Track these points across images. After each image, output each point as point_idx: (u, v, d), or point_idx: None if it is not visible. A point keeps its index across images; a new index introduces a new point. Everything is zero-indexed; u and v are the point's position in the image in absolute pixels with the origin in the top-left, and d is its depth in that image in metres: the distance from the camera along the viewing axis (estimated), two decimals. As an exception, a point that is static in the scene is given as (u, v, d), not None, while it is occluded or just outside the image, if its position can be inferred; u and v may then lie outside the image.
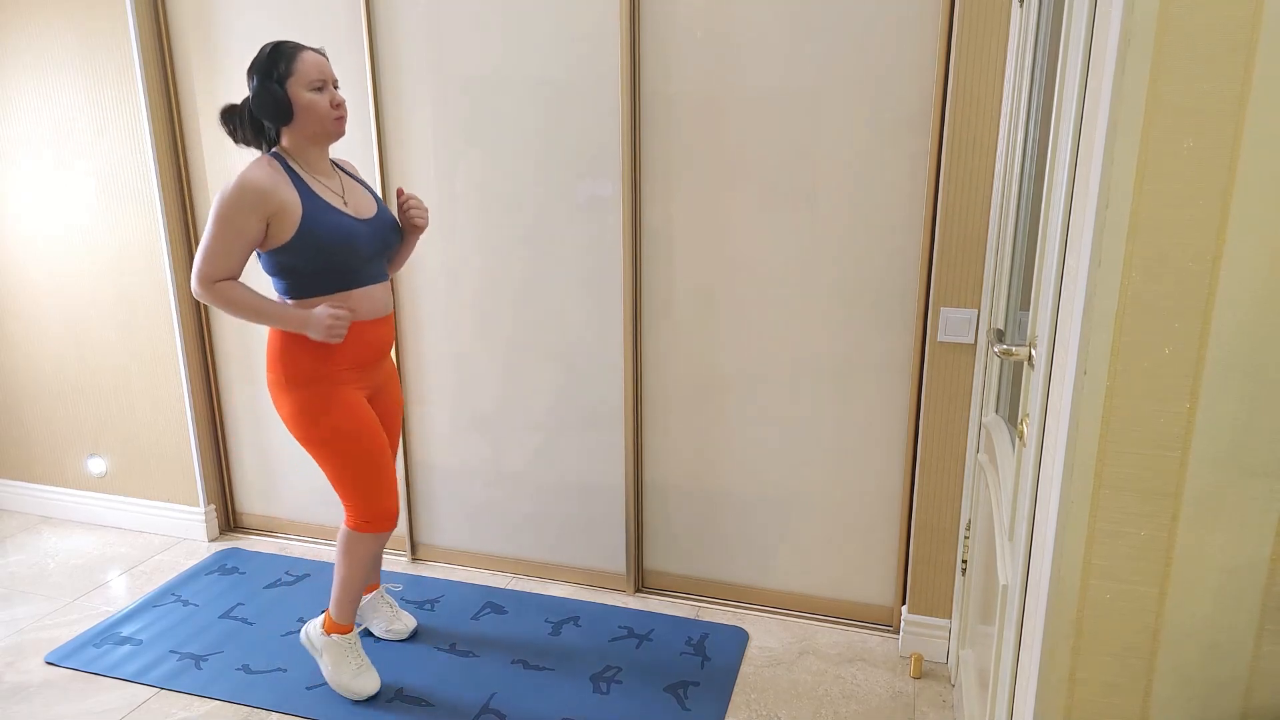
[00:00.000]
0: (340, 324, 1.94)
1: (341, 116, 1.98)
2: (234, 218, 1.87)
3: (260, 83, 1.90)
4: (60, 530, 3.22)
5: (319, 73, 1.93)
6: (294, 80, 1.91)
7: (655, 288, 2.53)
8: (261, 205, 1.88)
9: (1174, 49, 0.93)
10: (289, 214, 1.90)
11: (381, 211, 2.10)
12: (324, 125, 1.96)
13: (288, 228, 1.91)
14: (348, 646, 2.22)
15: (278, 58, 1.90)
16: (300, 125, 1.95)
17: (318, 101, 1.93)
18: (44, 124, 2.91)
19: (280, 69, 1.90)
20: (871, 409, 2.41)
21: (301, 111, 1.93)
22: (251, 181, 1.87)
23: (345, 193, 2.05)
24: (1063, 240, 1.17)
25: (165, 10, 2.79)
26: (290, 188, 1.92)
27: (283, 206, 1.90)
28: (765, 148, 2.32)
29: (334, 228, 1.95)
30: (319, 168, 2.02)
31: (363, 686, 2.20)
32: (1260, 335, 0.97)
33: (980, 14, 2.00)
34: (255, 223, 1.89)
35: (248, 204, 1.87)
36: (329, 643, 2.22)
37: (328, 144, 2.02)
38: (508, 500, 2.84)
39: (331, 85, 1.97)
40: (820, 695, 2.25)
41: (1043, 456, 1.21)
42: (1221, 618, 1.05)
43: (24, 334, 3.17)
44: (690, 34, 2.32)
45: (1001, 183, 2.02)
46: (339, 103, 1.97)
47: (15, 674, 2.35)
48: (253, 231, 1.89)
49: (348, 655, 2.22)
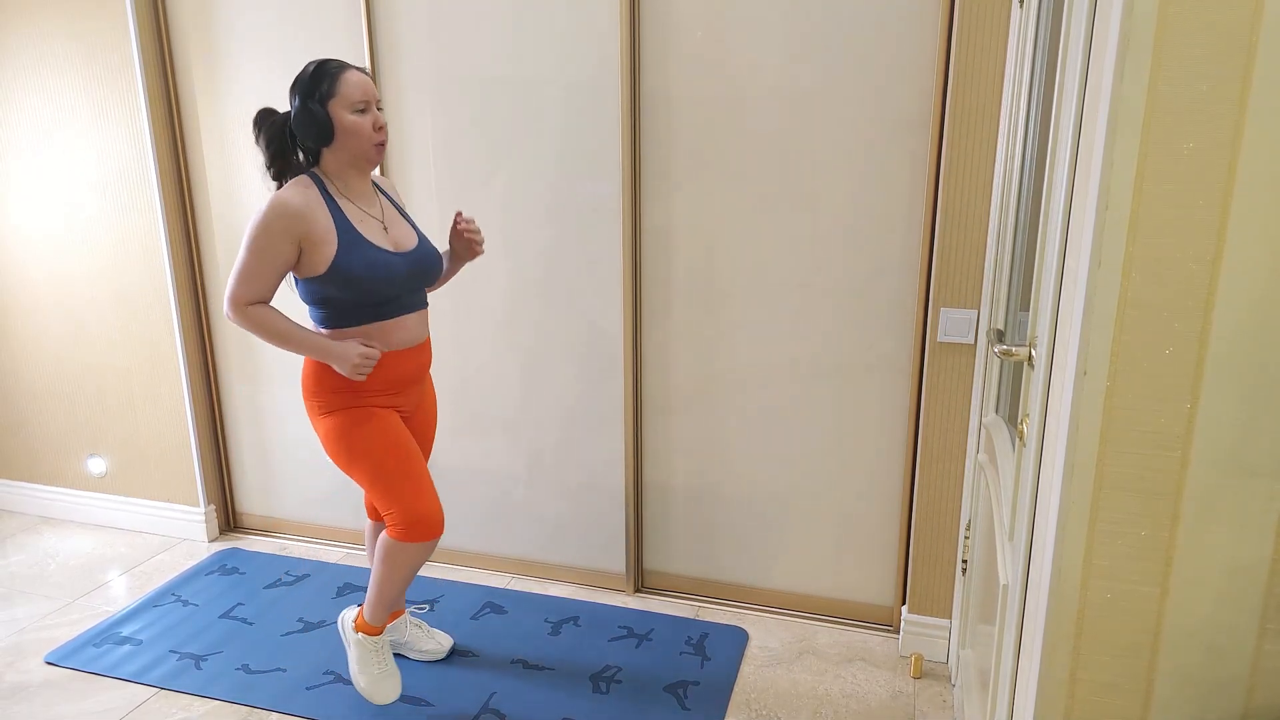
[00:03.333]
0: (367, 363, 1.91)
1: (383, 141, 1.92)
2: (264, 240, 1.83)
3: (302, 102, 1.85)
4: (60, 530, 3.22)
5: (363, 94, 1.88)
6: (337, 101, 1.85)
7: (655, 288, 2.53)
8: (293, 228, 1.83)
9: (1174, 49, 0.93)
10: (323, 241, 1.86)
11: (422, 243, 2.04)
12: (364, 149, 1.90)
13: (322, 258, 1.86)
14: (374, 648, 2.16)
15: (321, 77, 1.85)
16: (340, 147, 1.89)
17: (361, 124, 1.88)
18: (44, 124, 2.91)
19: (323, 89, 1.85)
20: (871, 409, 2.41)
21: (343, 133, 1.87)
22: (284, 204, 1.83)
23: (386, 220, 2.00)
24: (1063, 240, 1.17)
25: (165, 10, 2.79)
26: (325, 213, 1.87)
27: (316, 232, 1.85)
28: (765, 148, 2.32)
29: (370, 264, 1.90)
30: (359, 190, 1.97)
31: (381, 693, 2.14)
32: (1260, 335, 0.97)
33: (980, 14, 2.00)
34: (286, 246, 1.84)
35: (279, 227, 1.82)
36: (358, 640, 2.18)
37: (368, 169, 1.96)
38: (508, 500, 2.84)
39: (375, 106, 1.91)
40: (820, 695, 2.25)
41: (1043, 456, 1.21)
42: (1222, 618, 1.05)
43: (24, 334, 3.17)
44: (690, 34, 2.32)
45: (1001, 183, 2.02)
46: (381, 125, 1.91)
47: (15, 674, 2.35)
48: (284, 255, 1.85)
49: (373, 657, 2.16)
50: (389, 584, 2.08)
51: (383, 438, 2.00)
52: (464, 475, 2.86)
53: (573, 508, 2.77)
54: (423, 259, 2.02)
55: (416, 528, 2.01)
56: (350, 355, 1.90)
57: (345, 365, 1.90)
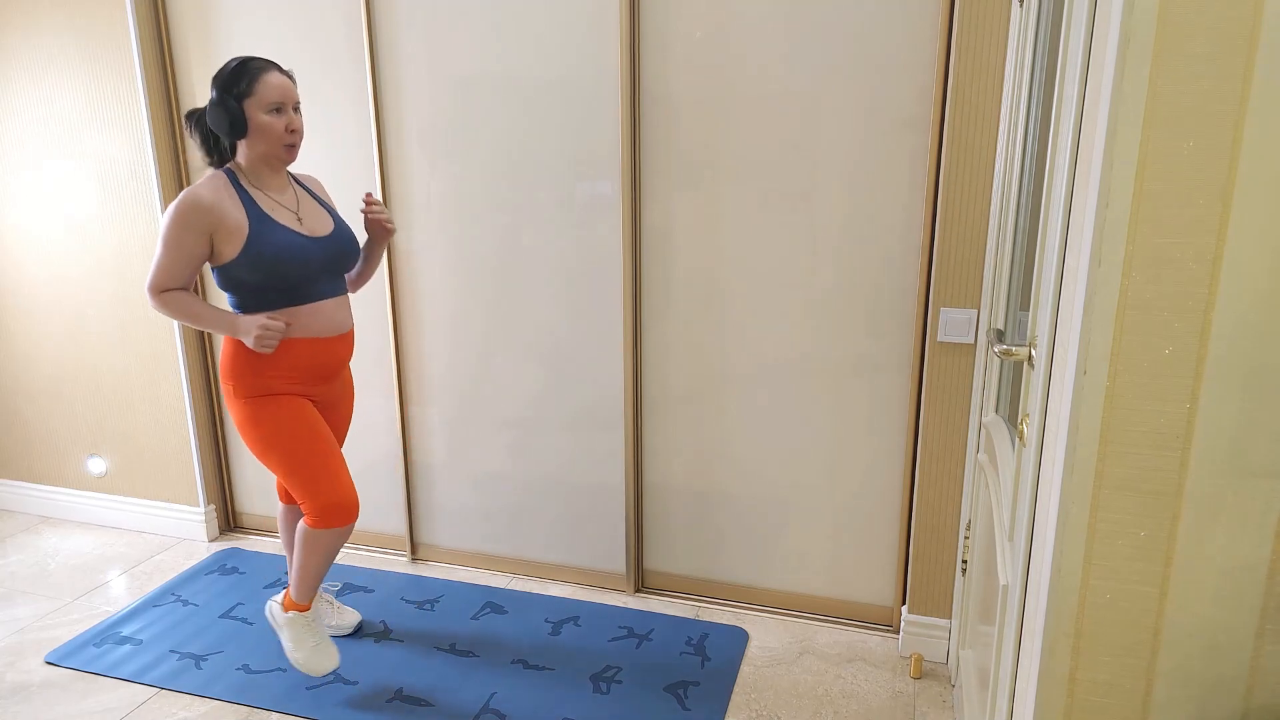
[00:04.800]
0: (270, 334, 1.96)
1: (293, 144, 2.00)
2: (177, 234, 1.92)
3: (219, 97, 1.93)
4: (60, 530, 3.22)
5: (280, 95, 1.96)
6: (253, 100, 1.93)
7: (655, 287, 2.53)
8: (202, 222, 1.91)
9: (1174, 49, 0.93)
10: (234, 232, 1.93)
11: (339, 229, 2.11)
12: (274, 148, 1.98)
13: (234, 244, 1.94)
14: (305, 624, 2.22)
15: (241, 75, 1.93)
16: (252, 144, 1.98)
17: (273, 125, 1.96)
18: (44, 123, 2.91)
19: (241, 86, 1.92)
20: (871, 409, 2.41)
21: (255, 131, 1.96)
22: (194, 199, 1.91)
23: (300, 209, 2.07)
24: (1063, 240, 1.17)
25: (165, 10, 2.79)
26: (237, 205, 1.95)
27: (226, 224, 1.93)
28: (765, 147, 2.32)
29: (282, 245, 1.97)
30: (272, 184, 2.04)
31: (320, 663, 2.20)
32: (1260, 335, 0.97)
33: (980, 14, 2.00)
34: (196, 238, 1.93)
35: (189, 221, 1.91)
36: (289, 620, 2.23)
37: (280, 167, 2.04)
38: (508, 500, 2.84)
39: (292, 109, 1.99)
40: (820, 695, 2.25)
41: (1043, 456, 1.21)
42: (1222, 618, 1.05)
43: (24, 334, 3.17)
44: (690, 34, 2.32)
45: (1001, 183, 2.02)
46: (295, 128, 1.99)
47: (15, 674, 2.35)
48: (195, 247, 1.93)
49: (306, 633, 2.22)
50: (310, 568, 2.15)
51: (294, 423, 2.05)
52: (465, 475, 2.86)
53: (573, 508, 2.77)
54: (337, 243, 2.08)
55: (331, 515, 2.08)
56: (253, 327, 1.95)
57: (249, 336, 1.96)
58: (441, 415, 2.83)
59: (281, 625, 2.25)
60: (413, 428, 2.88)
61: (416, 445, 2.89)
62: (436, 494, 2.92)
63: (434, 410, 2.84)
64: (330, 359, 2.11)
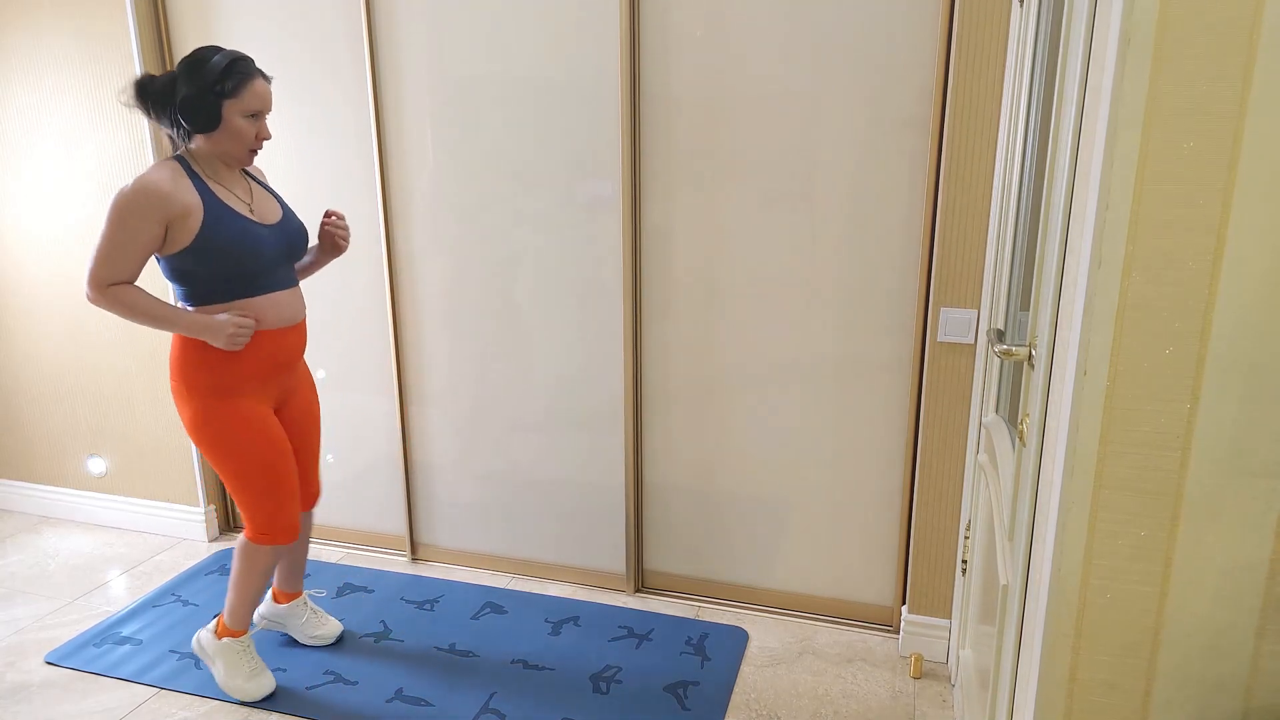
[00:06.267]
0: (243, 332, 1.93)
1: (256, 150, 1.98)
2: (130, 221, 1.84)
3: (199, 91, 1.86)
4: (60, 530, 3.22)
5: (261, 104, 1.94)
6: (234, 102, 1.90)
7: (655, 287, 2.53)
8: (160, 209, 1.84)
9: (1174, 49, 0.93)
10: (189, 219, 1.88)
11: (287, 217, 2.08)
12: (239, 152, 1.95)
13: (187, 232, 1.88)
14: (241, 650, 2.21)
15: (229, 74, 1.88)
16: (217, 141, 1.93)
17: (245, 130, 1.93)
18: (44, 123, 2.91)
19: (226, 86, 1.88)
20: (871, 409, 2.41)
21: (226, 132, 1.92)
22: (152, 185, 1.84)
23: (252, 199, 2.03)
24: (1063, 240, 1.17)
25: (165, 10, 2.79)
26: (193, 192, 1.90)
27: (183, 211, 1.87)
28: (765, 147, 2.32)
29: (236, 232, 1.93)
30: (224, 175, 2.00)
31: (257, 689, 2.19)
32: (1261, 335, 0.97)
33: (980, 14, 2.00)
34: (152, 227, 1.85)
35: (146, 207, 1.83)
36: (222, 647, 2.20)
37: (237, 168, 2.01)
38: (508, 500, 2.84)
39: (264, 116, 1.97)
40: (820, 695, 2.25)
41: (1043, 456, 1.21)
42: (1222, 618, 1.05)
43: (24, 334, 3.17)
44: (690, 34, 2.32)
45: (1001, 183, 2.02)
46: (265, 136, 1.97)
47: (15, 674, 2.35)
48: (149, 236, 1.86)
49: (242, 658, 2.20)
50: (248, 585, 2.13)
51: (249, 433, 2.01)
52: (464, 475, 2.86)
53: (573, 508, 2.77)
54: (288, 231, 2.06)
55: (270, 534, 2.08)
56: (226, 326, 1.91)
57: (220, 337, 1.92)
58: (442, 415, 2.83)
59: (213, 655, 2.21)
60: (413, 427, 2.88)
61: (416, 445, 2.89)
62: (436, 494, 2.91)
63: (434, 410, 2.84)
64: (287, 351, 2.07)
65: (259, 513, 2.05)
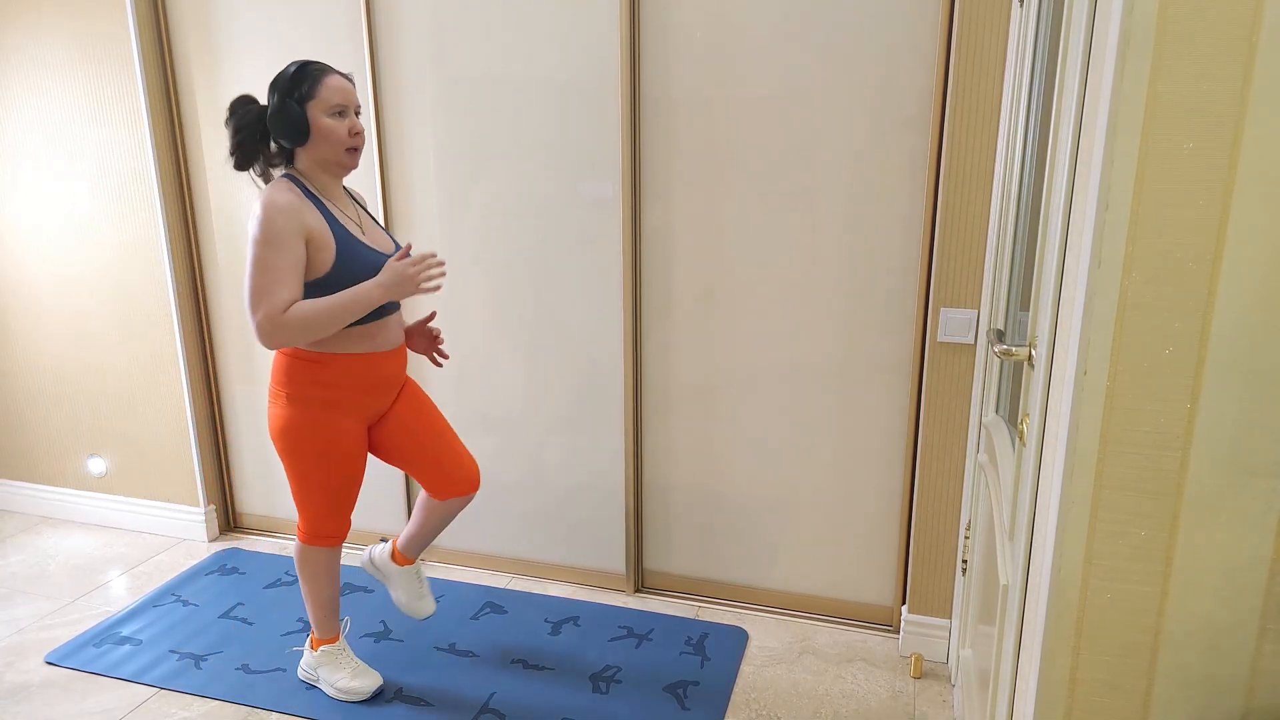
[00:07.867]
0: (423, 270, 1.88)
1: (355, 147, 1.93)
2: (277, 239, 1.80)
3: (280, 100, 1.86)
4: (60, 530, 3.22)
5: (342, 98, 1.89)
6: (315, 103, 1.87)
7: (655, 288, 2.53)
8: (296, 222, 1.82)
9: (1174, 49, 0.93)
10: (323, 239, 1.86)
11: (396, 246, 2.09)
12: (336, 153, 1.91)
13: (324, 261, 1.87)
14: (338, 652, 2.23)
15: (302, 78, 1.86)
16: (314, 149, 1.90)
17: (336, 127, 1.89)
18: (44, 123, 2.91)
19: (303, 89, 1.86)
20: (872, 409, 2.41)
21: (317, 135, 1.88)
22: (280, 201, 1.82)
23: (361, 223, 2.02)
24: (1063, 240, 1.17)
25: (165, 10, 2.79)
26: (315, 212, 1.87)
27: (314, 228, 1.85)
28: (765, 148, 2.32)
29: (369, 265, 1.92)
30: (334, 193, 1.97)
31: (364, 685, 2.20)
32: (1260, 335, 0.97)
33: (980, 14, 2.00)
34: (297, 240, 1.82)
35: (284, 222, 1.81)
36: (321, 657, 2.23)
37: (340, 174, 1.97)
38: (508, 500, 2.84)
39: (354, 112, 1.93)
40: (820, 695, 2.25)
41: (1043, 456, 1.21)
42: (1222, 618, 1.05)
43: (25, 334, 3.17)
44: (690, 34, 2.32)
45: (1001, 183, 2.02)
46: (357, 130, 1.92)
47: (15, 674, 2.35)
48: (298, 250, 1.82)
49: (342, 661, 2.23)
50: (312, 588, 2.17)
51: (329, 454, 2.01)
52: (464, 475, 2.86)
53: (573, 508, 2.77)
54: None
55: (319, 537, 2.11)
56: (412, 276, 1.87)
57: (408, 285, 1.87)
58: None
59: (317, 669, 2.25)
60: (413, 428, 2.87)
61: (416, 445, 2.89)
62: (436, 494, 2.91)
63: (434, 410, 2.83)
64: (394, 371, 2.07)
65: (310, 516, 2.08)
